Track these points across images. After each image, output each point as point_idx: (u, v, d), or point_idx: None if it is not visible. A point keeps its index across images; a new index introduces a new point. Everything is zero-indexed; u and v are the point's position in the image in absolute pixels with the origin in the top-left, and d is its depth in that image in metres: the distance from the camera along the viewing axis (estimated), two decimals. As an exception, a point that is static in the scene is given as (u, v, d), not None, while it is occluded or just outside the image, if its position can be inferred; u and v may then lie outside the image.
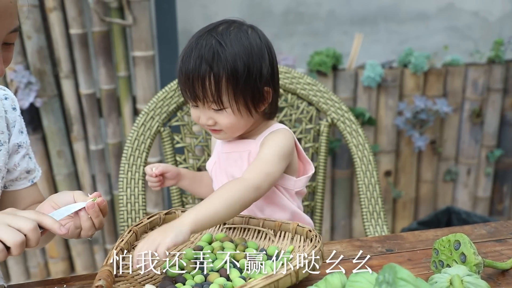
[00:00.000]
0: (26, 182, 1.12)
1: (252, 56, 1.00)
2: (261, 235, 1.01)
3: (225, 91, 0.99)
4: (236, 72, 0.98)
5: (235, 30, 1.01)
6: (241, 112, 1.02)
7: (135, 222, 1.06)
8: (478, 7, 2.77)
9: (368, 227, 1.36)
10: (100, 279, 0.76)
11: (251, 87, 1.01)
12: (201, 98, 1.00)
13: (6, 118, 1.06)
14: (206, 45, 0.99)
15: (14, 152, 1.08)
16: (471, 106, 2.38)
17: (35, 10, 1.92)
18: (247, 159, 1.09)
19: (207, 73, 0.97)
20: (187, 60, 0.99)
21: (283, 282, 0.76)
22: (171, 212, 1.01)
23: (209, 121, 1.04)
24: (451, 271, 0.75)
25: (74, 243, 2.25)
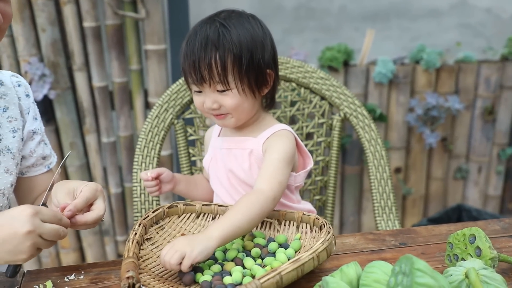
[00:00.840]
0: (42, 168, 1.13)
1: (255, 38, 1.03)
2: (265, 225, 1.02)
3: (231, 71, 1.01)
4: (240, 52, 1.01)
5: (237, 16, 1.05)
6: (245, 92, 1.04)
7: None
8: (491, 4, 2.75)
9: (379, 222, 1.36)
10: (129, 270, 0.77)
11: (255, 68, 1.03)
12: (207, 80, 1.02)
13: (20, 105, 1.07)
14: (211, 27, 1.01)
15: (29, 139, 1.09)
16: (483, 103, 2.36)
17: (50, 3, 1.93)
18: (248, 158, 1.10)
19: (213, 54, 1.00)
20: (192, 43, 1.02)
21: (308, 265, 0.78)
22: (173, 205, 1.02)
23: (214, 105, 1.04)
24: (467, 264, 0.75)
25: (86, 235, 2.27)
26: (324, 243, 0.82)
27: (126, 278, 0.76)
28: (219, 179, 1.15)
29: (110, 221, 2.29)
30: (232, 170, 1.11)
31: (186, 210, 1.03)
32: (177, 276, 0.87)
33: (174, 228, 1.00)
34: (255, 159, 1.09)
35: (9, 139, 1.04)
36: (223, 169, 1.14)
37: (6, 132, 1.04)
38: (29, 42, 1.94)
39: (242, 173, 1.10)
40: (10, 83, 1.06)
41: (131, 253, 0.83)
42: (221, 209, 1.03)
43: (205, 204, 1.03)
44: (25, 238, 0.77)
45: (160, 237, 0.97)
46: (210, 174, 1.18)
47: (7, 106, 1.04)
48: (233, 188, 1.13)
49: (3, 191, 1.02)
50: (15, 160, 1.05)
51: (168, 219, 1.01)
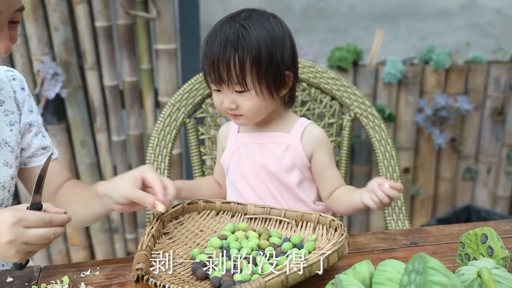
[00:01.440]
0: (43, 157, 1.14)
1: (275, 40, 1.04)
2: (282, 225, 1.03)
3: (249, 73, 1.02)
4: (259, 54, 1.01)
5: (257, 16, 1.05)
6: (263, 94, 1.05)
7: None
8: (500, 4, 2.74)
9: (389, 222, 1.37)
10: (139, 262, 0.78)
11: (274, 70, 1.04)
12: (225, 80, 1.03)
13: (16, 99, 1.09)
14: (230, 28, 1.02)
15: (26, 131, 1.11)
16: (492, 104, 2.36)
17: (62, 3, 1.95)
18: (284, 152, 1.12)
19: (232, 55, 1.01)
20: (212, 43, 1.03)
21: (316, 266, 0.79)
22: (193, 202, 1.04)
23: (232, 105, 1.06)
24: (479, 263, 0.76)
25: (95, 232, 2.29)
26: (336, 245, 0.83)
27: (135, 269, 0.77)
28: (243, 175, 1.16)
29: (119, 219, 2.31)
30: (265, 165, 1.13)
31: (206, 207, 1.05)
32: (190, 270, 0.88)
33: (193, 224, 1.02)
34: (292, 154, 1.12)
35: (7, 132, 1.06)
36: (250, 164, 1.15)
37: (3, 126, 1.05)
38: (42, 41, 1.97)
39: (276, 167, 1.12)
40: (5, 77, 1.08)
41: (145, 246, 0.85)
42: (240, 207, 1.04)
43: (225, 202, 1.05)
44: (8, 247, 0.77)
45: (178, 232, 0.99)
46: (231, 170, 1.18)
47: (3, 100, 1.06)
48: (262, 183, 1.14)
49: (3, 184, 1.04)
50: (14, 153, 1.07)
51: (188, 215, 1.03)
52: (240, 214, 1.05)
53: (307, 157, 1.13)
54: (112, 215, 2.29)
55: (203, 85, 1.41)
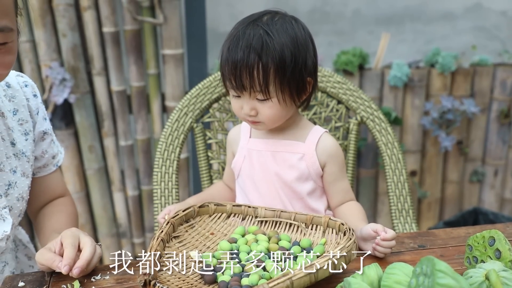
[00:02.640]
0: (51, 167, 1.15)
1: (298, 46, 1.01)
2: (292, 228, 1.03)
3: (273, 81, 1.00)
4: (283, 62, 0.99)
5: (280, 21, 1.02)
6: (286, 102, 1.03)
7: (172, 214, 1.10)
8: (506, 6, 2.74)
9: (397, 225, 1.37)
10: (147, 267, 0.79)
11: (297, 78, 1.02)
12: (247, 88, 1.01)
13: (29, 106, 1.06)
14: (254, 35, 0.99)
15: (40, 139, 1.09)
16: (499, 106, 2.36)
17: (71, 9, 1.97)
18: (299, 161, 1.11)
19: (255, 63, 0.98)
20: (234, 50, 0.99)
21: (322, 272, 0.79)
22: (205, 205, 1.05)
23: (252, 112, 1.04)
24: (486, 266, 0.76)
25: (103, 237, 2.31)
26: (343, 250, 0.83)
27: (142, 274, 0.78)
28: (254, 182, 1.15)
29: (127, 224, 2.33)
30: (279, 173, 1.12)
31: (217, 210, 1.05)
32: (198, 275, 0.89)
33: (204, 227, 1.03)
34: (306, 163, 1.10)
35: (22, 142, 1.04)
36: (262, 171, 1.13)
37: (19, 135, 1.04)
38: (50, 47, 1.99)
39: (290, 176, 1.11)
40: (16, 84, 1.05)
41: (153, 250, 0.86)
42: (250, 210, 1.05)
43: (236, 205, 1.06)
44: None
45: (189, 236, 0.99)
46: (242, 175, 1.17)
47: (17, 109, 1.04)
48: (274, 191, 1.13)
49: (22, 194, 1.03)
50: (29, 163, 1.06)
51: (199, 218, 1.03)
52: (251, 217, 1.05)
53: (321, 167, 1.12)
54: (120, 219, 2.31)
55: (210, 90, 1.42)
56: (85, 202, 2.25)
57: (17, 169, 1.03)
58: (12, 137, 1.03)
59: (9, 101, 1.04)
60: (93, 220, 2.30)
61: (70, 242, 0.89)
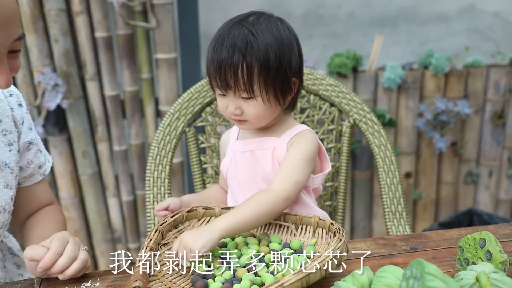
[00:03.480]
0: (38, 177, 1.14)
1: (283, 46, 1.02)
2: (282, 229, 1.03)
3: (257, 80, 1.01)
4: (268, 61, 1.00)
5: (265, 21, 1.03)
6: (270, 101, 1.04)
7: (161, 221, 1.09)
8: (499, 8, 2.75)
9: (390, 227, 1.37)
10: (136, 279, 0.79)
11: (281, 77, 1.03)
12: (232, 87, 1.02)
13: (13, 116, 1.05)
14: (239, 34, 1.00)
15: (25, 150, 1.08)
16: (492, 107, 2.36)
17: (62, 14, 1.97)
18: (271, 156, 1.10)
19: (240, 62, 0.99)
20: (219, 49, 1.01)
21: (313, 276, 0.79)
22: (193, 209, 1.04)
23: (237, 111, 1.05)
24: (477, 268, 0.76)
25: (98, 242, 2.30)
26: (334, 252, 0.82)
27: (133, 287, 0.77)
28: (238, 183, 1.15)
29: (122, 229, 2.32)
30: (255, 173, 1.12)
31: (205, 214, 1.05)
32: (189, 282, 0.88)
33: None
34: (276, 157, 1.09)
35: (6, 153, 1.03)
36: (243, 172, 1.14)
37: (2, 146, 1.02)
38: (42, 52, 1.98)
39: (264, 174, 1.10)
40: (1, 93, 1.04)
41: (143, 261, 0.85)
42: None
43: (224, 207, 1.05)
44: None
45: None
46: (229, 177, 1.18)
47: (0, 119, 1.02)
48: (252, 191, 1.11)
49: (3, 206, 1.02)
50: (13, 174, 1.04)
51: (187, 223, 1.03)
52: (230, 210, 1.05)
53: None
54: (114, 224, 2.30)
55: (202, 94, 1.42)
56: (80, 208, 2.24)
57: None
58: None
59: None
60: (88, 226, 2.29)
61: (55, 246, 0.90)
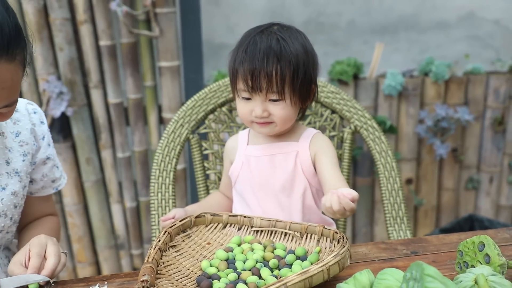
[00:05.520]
0: (50, 190, 1.20)
1: (308, 53, 1.09)
2: (288, 238, 1.05)
3: (288, 83, 1.07)
4: (298, 66, 1.06)
5: (289, 31, 1.10)
6: (296, 104, 1.10)
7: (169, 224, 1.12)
8: (499, 15, 2.78)
9: (391, 232, 1.39)
10: (145, 274, 0.81)
11: (306, 83, 1.09)
12: (264, 88, 1.06)
13: (34, 131, 1.12)
14: (271, 39, 1.06)
15: (41, 164, 1.15)
16: (493, 114, 2.38)
17: (67, 23, 2.00)
18: (294, 160, 1.15)
19: (275, 65, 1.05)
20: (253, 52, 1.06)
21: (316, 278, 0.80)
22: (201, 215, 1.07)
23: (264, 113, 1.09)
24: (476, 271, 0.78)
25: (102, 249, 2.31)
26: (336, 257, 0.84)
27: (141, 281, 0.80)
28: (252, 186, 1.18)
29: (125, 235, 2.33)
30: (272, 177, 1.16)
31: (213, 220, 1.08)
32: (195, 282, 0.90)
33: (201, 237, 1.05)
34: (300, 161, 1.15)
35: (19, 162, 1.09)
36: (258, 176, 1.17)
37: (17, 155, 1.08)
38: (47, 61, 2.01)
39: (286, 177, 1.15)
40: (24, 110, 1.12)
41: (151, 258, 0.88)
42: (246, 220, 1.07)
43: (232, 215, 1.08)
44: None
45: (185, 245, 1.01)
46: (240, 181, 1.20)
47: (20, 131, 1.10)
48: (272, 195, 1.16)
49: (5, 212, 1.07)
50: (22, 183, 1.10)
51: (195, 228, 1.06)
52: (247, 227, 1.07)
53: (312, 163, 1.16)
54: (118, 231, 2.32)
55: (205, 101, 1.44)
56: (83, 215, 2.26)
57: (7, 187, 1.06)
58: (8, 156, 1.07)
59: (13, 124, 1.09)
60: (92, 232, 2.30)
61: (36, 251, 0.94)
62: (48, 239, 0.98)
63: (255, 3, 2.66)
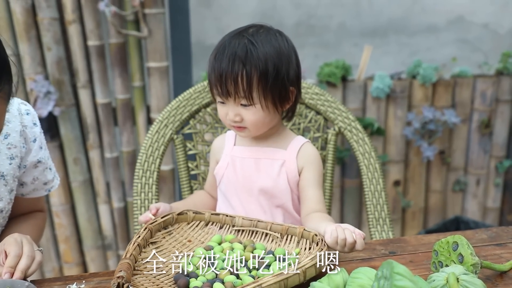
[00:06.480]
0: (42, 192, 1.18)
1: (281, 56, 1.08)
2: (268, 238, 1.05)
3: (256, 88, 1.06)
4: (266, 69, 1.05)
5: (265, 33, 1.09)
6: (268, 108, 1.09)
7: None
8: (488, 19, 2.80)
9: (374, 233, 1.39)
10: (121, 270, 0.81)
11: (279, 86, 1.08)
12: (232, 94, 1.06)
13: (25, 133, 1.09)
14: (239, 44, 1.06)
15: (32, 167, 1.12)
16: (479, 117, 2.40)
17: (55, 23, 2.00)
18: (280, 168, 1.15)
19: (240, 70, 1.04)
20: (220, 58, 1.06)
21: (292, 280, 0.81)
22: (183, 212, 1.07)
23: (237, 117, 1.09)
24: (448, 270, 0.79)
25: (88, 249, 2.31)
26: (313, 260, 0.85)
27: (116, 277, 0.80)
28: (236, 188, 1.19)
29: (112, 236, 2.33)
30: (259, 180, 1.16)
31: (195, 218, 1.08)
32: (172, 280, 0.91)
33: (182, 235, 1.05)
34: (287, 170, 1.15)
35: (5, 165, 1.06)
36: (244, 178, 1.18)
37: (4, 158, 1.06)
38: (35, 60, 2.01)
39: (270, 183, 1.15)
40: (16, 110, 1.08)
41: (129, 254, 0.88)
42: (228, 219, 1.07)
43: (214, 213, 1.08)
44: None
45: (166, 242, 1.02)
46: (224, 181, 1.21)
47: (9, 133, 1.06)
48: (254, 197, 1.17)
49: None
50: (7, 186, 1.07)
51: (177, 225, 1.06)
52: (228, 226, 1.08)
53: (298, 173, 1.16)
54: (105, 231, 2.31)
55: (190, 102, 1.45)
56: (70, 215, 2.25)
57: None
58: None
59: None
60: (79, 233, 2.30)
61: (13, 250, 0.92)
62: (23, 238, 0.96)
63: (246, 5, 2.68)
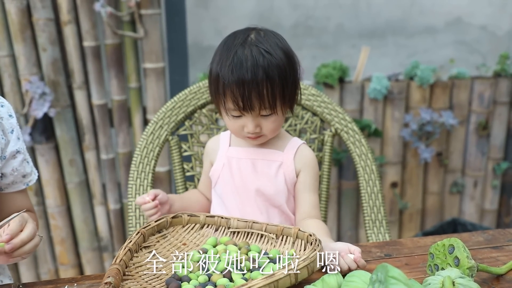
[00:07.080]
0: (21, 185, 1.17)
1: (290, 59, 1.07)
2: (263, 239, 1.04)
3: (278, 96, 1.05)
4: (285, 76, 1.04)
5: (266, 37, 1.06)
6: (283, 113, 1.09)
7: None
8: (486, 21, 2.80)
9: (370, 235, 1.38)
10: (109, 276, 0.80)
11: (294, 89, 1.08)
12: (256, 108, 1.04)
13: (2, 125, 1.10)
14: (253, 53, 1.02)
15: (11, 158, 1.12)
16: (477, 118, 2.39)
17: (51, 24, 1.99)
18: (277, 169, 1.15)
19: (264, 81, 1.02)
20: (239, 71, 1.01)
21: (283, 282, 0.80)
22: (178, 216, 1.06)
23: (257, 129, 1.08)
24: (444, 273, 0.78)
25: (84, 251, 2.29)
26: (306, 261, 0.83)
27: (104, 283, 0.79)
28: (232, 189, 1.18)
29: (109, 237, 2.32)
30: (257, 181, 1.15)
31: (190, 221, 1.07)
32: (164, 284, 0.90)
33: (177, 238, 1.04)
34: (284, 171, 1.15)
35: None
36: (241, 179, 1.17)
37: None
38: (30, 61, 2.00)
39: (268, 184, 1.14)
40: None
41: (119, 260, 0.87)
42: (224, 221, 1.06)
43: (209, 215, 1.07)
44: None
45: (160, 246, 1.00)
46: (220, 183, 1.20)
47: None
48: (251, 198, 1.16)
49: None
50: None
51: (172, 229, 1.05)
52: (224, 228, 1.07)
53: (296, 175, 1.16)
54: (101, 233, 2.30)
55: (185, 103, 1.44)
56: (66, 216, 2.24)
57: None
58: None
59: None
60: (75, 234, 2.29)
61: (18, 219, 0.92)
62: (29, 218, 0.95)
63: (243, 6, 2.67)
